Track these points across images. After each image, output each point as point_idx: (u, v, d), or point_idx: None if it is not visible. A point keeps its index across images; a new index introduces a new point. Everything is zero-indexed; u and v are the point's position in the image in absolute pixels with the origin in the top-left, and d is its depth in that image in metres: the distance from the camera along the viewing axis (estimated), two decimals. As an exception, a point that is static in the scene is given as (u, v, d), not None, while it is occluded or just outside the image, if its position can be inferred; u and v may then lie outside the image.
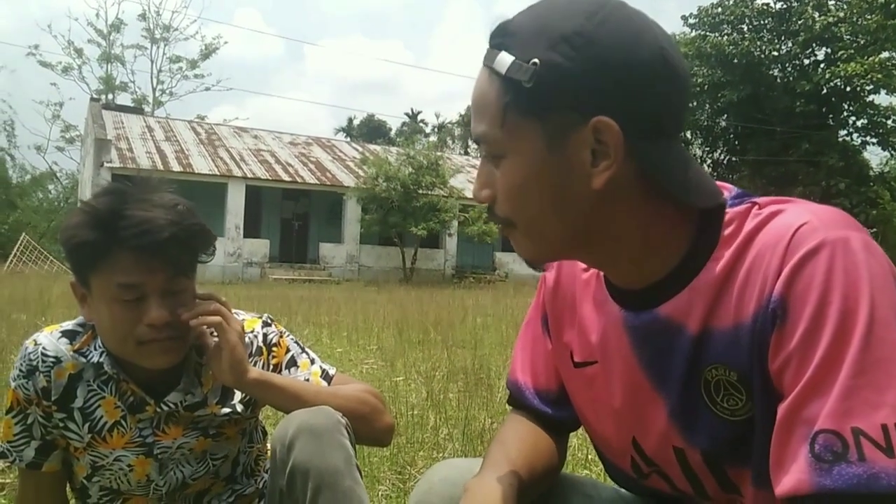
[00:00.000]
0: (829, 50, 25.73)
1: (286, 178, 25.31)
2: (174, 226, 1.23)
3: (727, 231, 0.87)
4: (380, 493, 2.56)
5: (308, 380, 1.44)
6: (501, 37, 0.87)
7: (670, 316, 0.90)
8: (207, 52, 43.36)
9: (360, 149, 31.09)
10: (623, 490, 1.14)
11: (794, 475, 0.74)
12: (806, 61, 26.98)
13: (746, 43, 25.84)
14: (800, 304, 0.77)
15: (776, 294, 0.79)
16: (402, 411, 3.78)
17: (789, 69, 27.34)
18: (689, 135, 30.20)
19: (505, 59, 0.84)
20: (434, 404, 4.02)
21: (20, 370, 1.33)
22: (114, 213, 1.23)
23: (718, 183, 0.92)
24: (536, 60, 0.81)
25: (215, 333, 1.32)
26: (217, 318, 1.29)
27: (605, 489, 1.17)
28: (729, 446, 0.89)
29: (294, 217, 27.22)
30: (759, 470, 0.84)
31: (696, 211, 0.88)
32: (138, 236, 1.21)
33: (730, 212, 0.88)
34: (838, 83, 25.59)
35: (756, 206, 0.87)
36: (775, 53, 26.67)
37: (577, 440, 3.19)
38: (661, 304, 0.91)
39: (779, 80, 27.07)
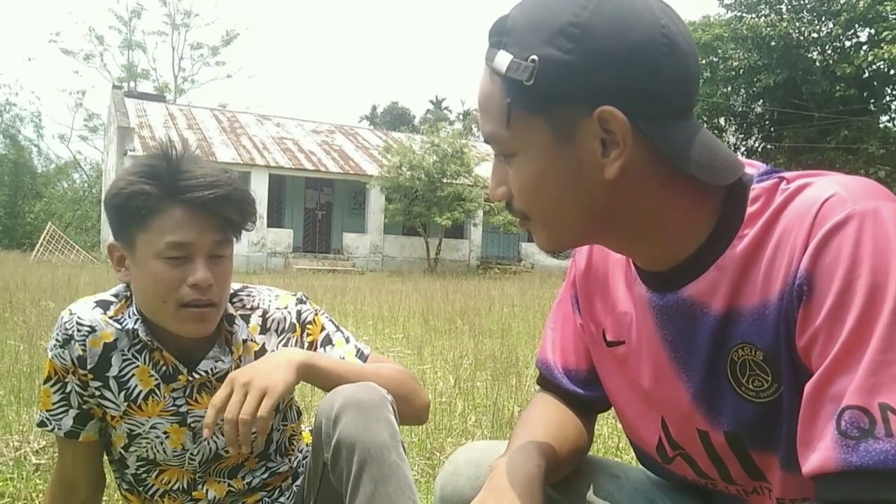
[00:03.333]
0: (872, 31, 24.64)
1: (309, 166, 25.10)
2: (230, 185, 1.29)
3: (754, 208, 0.86)
4: (409, 477, 2.47)
5: (343, 358, 1.45)
6: (499, 34, 0.86)
7: (694, 296, 0.89)
8: (229, 39, 43.24)
9: (384, 137, 30.78)
10: (652, 474, 1.13)
11: (820, 453, 0.73)
12: (847, 43, 25.90)
13: (785, 24, 24.84)
14: (826, 279, 0.76)
15: (802, 269, 0.78)
16: (429, 398, 3.57)
17: (829, 51, 26.31)
18: (722, 121, 29.57)
19: (503, 59, 0.83)
20: (462, 392, 4.07)
21: (56, 340, 1.36)
22: (172, 169, 1.28)
23: (746, 161, 0.91)
24: (535, 57, 0.81)
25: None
26: (263, 422, 1.22)
27: (634, 471, 1.17)
28: (753, 429, 0.88)
29: (317, 206, 27.18)
30: (787, 453, 0.84)
31: (721, 189, 0.87)
32: (199, 188, 1.26)
33: (757, 188, 0.87)
34: (881, 66, 24.58)
35: (784, 181, 0.86)
36: (815, 35, 25.54)
37: (608, 429, 3.25)
38: (686, 285, 0.90)
39: (818, 64, 26.07)
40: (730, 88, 28.19)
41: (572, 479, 1.12)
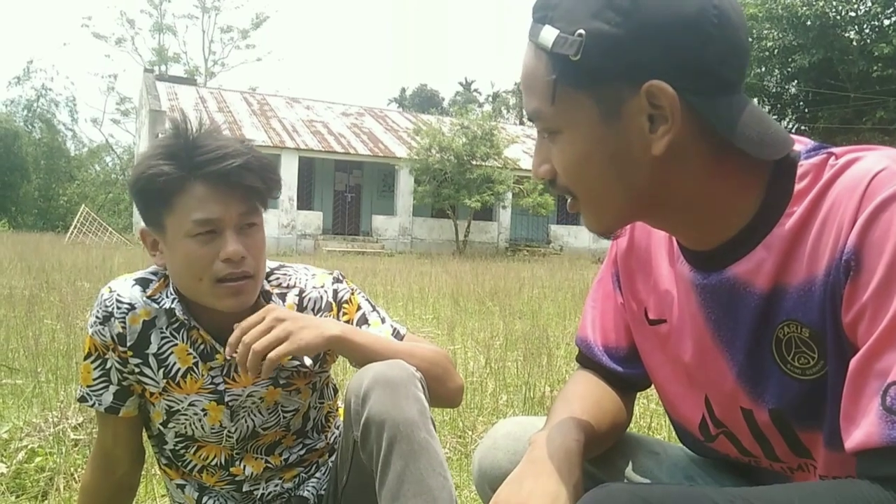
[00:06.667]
0: (912, 9, 24.05)
1: (339, 149, 25.13)
2: (247, 154, 1.28)
3: (802, 184, 0.84)
4: (440, 456, 2.56)
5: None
6: (544, 9, 0.84)
7: (740, 275, 0.88)
8: (258, 22, 43.31)
9: (413, 119, 30.68)
10: (692, 452, 1.13)
11: (864, 429, 0.72)
12: (886, 22, 25.11)
13: (821, 3, 24.14)
14: (875, 254, 0.74)
15: (850, 244, 0.76)
16: (463, 381, 3.67)
17: (867, 31, 25.62)
18: (756, 102, 28.93)
19: (549, 34, 0.82)
20: (493, 371, 4.06)
21: (96, 317, 1.37)
22: (189, 144, 1.28)
23: (794, 137, 0.88)
24: (582, 31, 0.79)
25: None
26: (269, 362, 1.23)
27: (673, 448, 1.17)
28: (798, 406, 0.87)
29: (347, 189, 27.23)
30: (831, 431, 0.83)
31: (769, 166, 0.85)
32: (216, 161, 1.25)
33: (805, 164, 0.85)
34: (921, 46, 23.96)
35: (832, 157, 0.84)
36: (852, 14, 24.87)
37: (640, 409, 3.19)
38: (732, 265, 0.88)
39: (855, 44, 25.39)
40: (764, 69, 27.55)
41: (612, 454, 1.12)
